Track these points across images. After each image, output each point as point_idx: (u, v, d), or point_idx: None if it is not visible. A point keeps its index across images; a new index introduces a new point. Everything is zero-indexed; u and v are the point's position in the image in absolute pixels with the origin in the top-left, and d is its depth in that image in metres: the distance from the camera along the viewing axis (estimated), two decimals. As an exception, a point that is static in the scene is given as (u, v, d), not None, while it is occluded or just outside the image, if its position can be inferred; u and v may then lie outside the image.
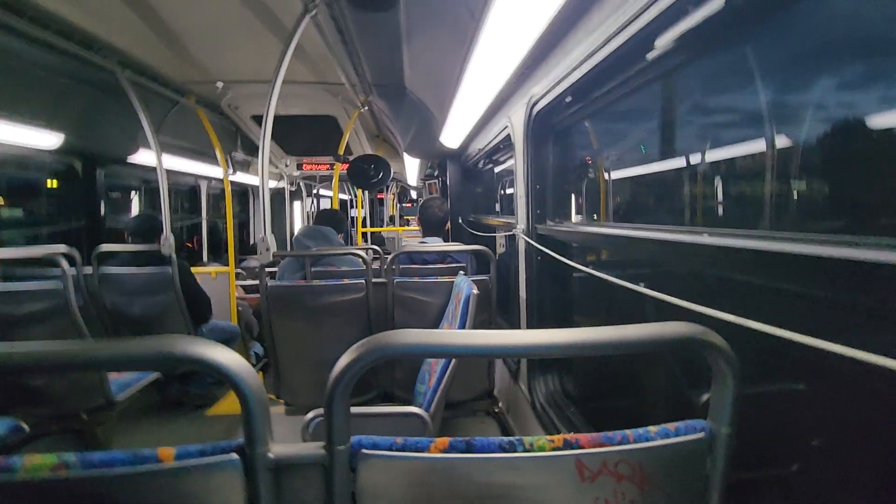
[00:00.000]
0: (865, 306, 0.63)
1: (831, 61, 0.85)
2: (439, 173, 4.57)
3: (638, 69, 1.14)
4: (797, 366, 0.84)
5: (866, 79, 0.80)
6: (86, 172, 3.33)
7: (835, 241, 0.67)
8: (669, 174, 1.45)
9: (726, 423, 0.59)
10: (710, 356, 0.57)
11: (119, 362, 0.53)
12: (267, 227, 1.95)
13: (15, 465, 0.52)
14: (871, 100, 0.78)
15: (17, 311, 2.03)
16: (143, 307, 2.70)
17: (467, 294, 1.49)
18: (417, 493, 0.58)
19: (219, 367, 0.53)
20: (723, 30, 0.89)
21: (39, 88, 2.71)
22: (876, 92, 0.77)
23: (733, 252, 0.81)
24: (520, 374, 2.12)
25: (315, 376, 2.15)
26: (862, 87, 0.80)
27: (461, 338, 0.56)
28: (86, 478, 0.52)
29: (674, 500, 0.60)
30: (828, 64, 0.86)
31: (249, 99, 3.39)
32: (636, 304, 1.41)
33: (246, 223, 6.35)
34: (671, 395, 1.32)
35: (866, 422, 0.72)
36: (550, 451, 0.58)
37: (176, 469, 0.54)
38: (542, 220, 1.85)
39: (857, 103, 0.79)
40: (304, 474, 0.58)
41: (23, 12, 1.89)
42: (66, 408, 2.13)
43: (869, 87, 0.79)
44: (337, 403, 0.55)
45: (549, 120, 1.74)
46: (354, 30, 1.89)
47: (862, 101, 0.78)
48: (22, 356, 0.52)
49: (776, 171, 0.95)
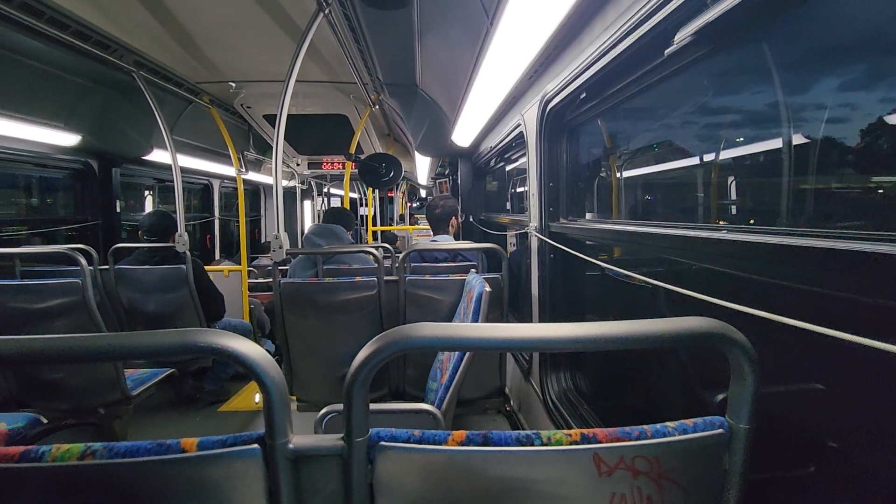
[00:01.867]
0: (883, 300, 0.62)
1: (848, 57, 0.84)
2: (450, 172, 4.57)
3: (655, 65, 1.13)
4: (817, 361, 0.83)
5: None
6: (102, 171, 3.39)
7: (852, 235, 0.66)
8: (685, 172, 1.43)
9: (745, 420, 0.58)
10: (730, 352, 0.57)
11: (145, 353, 0.54)
12: (280, 226, 1.97)
13: (44, 453, 0.53)
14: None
15: (37, 306, 2.07)
16: (157, 304, 2.75)
17: (479, 292, 1.49)
18: (434, 486, 0.59)
19: (242, 359, 0.54)
20: (743, 23, 0.88)
21: (58, 88, 2.76)
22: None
23: (752, 248, 0.80)
24: (531, 372, 2.11)
25: (327, 373, 2.16)
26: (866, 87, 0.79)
27: (479, 331, 0.57)
28: (112, 465, 0.53)
29: (691, 496, 0.60)
30: (843, 61, 0.85)
31: (262, 98, 3.42)
32: (650, 303, 1.40)
33: (257, 222, 6.41)
34: (686, 393, 1.31)
35: (889, 418, 0.71)
36: (567, 446, 0.58)
37: (198, 458, 0.55)
38: (556, 218, 1.84)
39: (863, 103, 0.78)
40: (323, 465, 0.59)
41: (42, 13, 1.92)
42: (83, 402, 2.17)
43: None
44: (356, 396, 0.55)
45: (562, 117, 1.73)
46: (367, 28, 1.90)
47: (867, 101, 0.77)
48: (49, 348, 0.53)
49: (793, 168, 0.94)
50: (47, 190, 3.41)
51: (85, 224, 3.38)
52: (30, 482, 0.54)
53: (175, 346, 0.54)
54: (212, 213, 5.14)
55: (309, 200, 7.52)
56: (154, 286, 2.73)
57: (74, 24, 2.06)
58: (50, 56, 2.44)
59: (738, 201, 1.20)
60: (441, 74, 2.33)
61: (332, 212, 3.02)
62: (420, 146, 3.98)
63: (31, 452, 0.54)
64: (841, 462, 0.82)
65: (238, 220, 4.32)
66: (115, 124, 3.23)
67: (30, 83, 2.58)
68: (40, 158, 2.99)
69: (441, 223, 2.68)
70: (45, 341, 0.53)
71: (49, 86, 2.70)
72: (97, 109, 3.06)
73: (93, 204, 3.41)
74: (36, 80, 2.59)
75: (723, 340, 0.56)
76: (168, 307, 2.76)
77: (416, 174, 6.80)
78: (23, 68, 2.46)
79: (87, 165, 3.30)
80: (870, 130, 0.79)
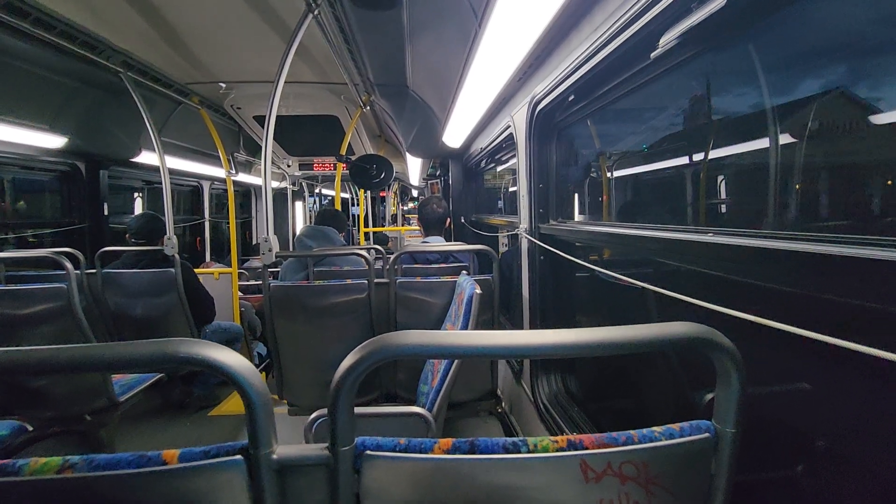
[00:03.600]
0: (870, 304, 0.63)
1: (834, 57, 0.84)
2: (441, 173, 4.57)
3: (642, 67, 1.13)
4: (800, 365, 0.84)
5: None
6: (89, 173, 3.34)
7: (836, 239, 0.67)
8: (673, 172, 1.44)
9: (731, 424, 0.59)
10: (716, 356, 0.57)
11: (123, 364, 0.53)
12: (270, 228, 1.95)
13: (21, 467, 0.52)
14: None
15: (21, 312, 2.04)
16: (146, 308, 2.71)
17: (470, 294, 1.48)
18: (421, 494, 0.58)
19: (223, 369, 0.53)
20: (727, 26, 0.89)
21: (43, 90, 2.72)
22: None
23: (738, 251, 0.81)
24: (523, 375, 2.11)
25: (318, 376, 2.15)
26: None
27: (465, 338, 0.56)
28: (91, 479, 0.52)
29: (679, 500, 0.60)
30: (829, 61, 0.85)
31: (252, 99, 3.40)
32: (639, 303, 1.40)
33: (248, 224, 6.37)
34: (675, 395, 1.32)
35: (873, 419, 0.71)
36: (554, 452, 0.57)
37: (180, 470, 0.54)
38: (545, 220, 1.85)
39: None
40: (308, 475, 0.58)
41: (27, 14, 1.89)
42: (69, 409, 2.13)
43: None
44: (341, 405, 0.55)
45: (551, 119, 1.73)
46: (357, 29, 1.89)
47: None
48: (27, 359, 0.52)
49: (780, 170, 0.94)
50: (33, 192, 3.36)
51: (71, 227, 3.33)
52: (7, 497, 0.53)
53: (154, 357, 0.53)
54: (202, 216, 5.09)
55: (300, 202, 7.49)
56: (142, 290, 2.69)
57: (61, 24, 2.03)
58: (35, 57, 2.40)
59: (725, 202, 1.20)
60: (431, 75, 2.32)
61: (325, 213, 3.00)
62: (411, 147, 3.98)
63: (8, 466, 0.52)
64: (826, 463, 0.83)
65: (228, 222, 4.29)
66: (103, 126, 3.19)
67: (14, 84, 2.54)
68: (25, 161, 2.94)
69: (435, 225, 2.67)
70: (22, 353, 0.52)
71: (34, 87, 2.65)
72: (84, 111, 3.02)
73: (80, 206, 3.36)
74: (20, 81, 2.55)
75: (708, 345, 0.56)
76: (157, 312, 2.72)
77: (408, 175, 6.80)
78: (7, 69, 2.42)
79: (74, 167, 3.26)
80: (855, 129, 0.80)
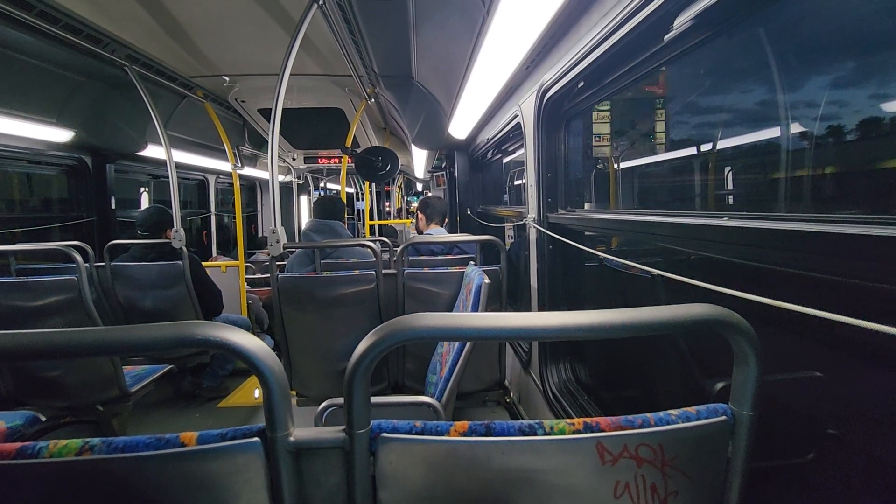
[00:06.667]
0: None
1: (849, 44, 0.83)
2: (447, 164, 4.55)
3: (654, 51, 1.11)
4: (817, 347, 0.83)
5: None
6: (96, 167, 3.36)
7: (842, 219, 0.66)
8: (684, 160, 1.43)
9: (749, 407, 0.58)
10: (733, 338, 0.56)
11: (143, 346, 0.53)
12: (277, 220, 1.95)
13: (40, 449, 0.53)
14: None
15: (33, 304, 2.06)
16: (154, 300, 2.74)
17: (478, 283, 1.48)
18: (437, 476, 0.58)
19: (241, 351, 0.53)
20: (745, 5, 0.87)
21: (49, 84, 2.73)
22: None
23: (752, 234, 0.80)
24: (531, 364, 2.11)
25: (326, 367, 2.16)
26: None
27: (480, 320, 0.56)
28: (110, 460, 0.53)
29: (695, 483, 0.60)
30: (844, 48, 0.84)
31: (256, 92, 3.39)
32: (650, 292, 1.40)
33: (254, 217, 6.38)
34: (685, 384, 1.31)
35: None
36: (571, 435, 0.57)
37: (198, 452, 0.54)
38: (554, 209, 1.83)
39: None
40: (324, 458, 0.58)
41: (31, 7, 1.89)
42: (81, 399, 2.16)
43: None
44: (357, 387, 0.55)
45: (559, 107, 1.71)
46: (362, 19, 1.88)
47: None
48: (50, 341, 0.52)
49: (791, 154, 0.93)
50: (41, 187, 3.38)
51: (80, 221, 3.35)
52: (27, 479, 0.53)
53: (173, 339, 0.53)
54: (208, 209, 5.11)
55: (306, 195, 7.49)
56: (151, 283, 2.72)
57: (65, 17, 2.02)
58: (41, 51, 2.41)
59: (736, 188, 1.19)
60: (437, 66, 2.30)
61: (321, 203, 2.94)
62: (416, 139, 3.96)
63: (28, 449, 0.53)
64: (841, 448, 0.82)
65: (235, 215, 4.30)
66: (109, 120, 3.19)
67: (21, 78, 2.55)
68: (33, 155, 2.96)
69: (434, 215, 2.80)
70: (42, 336, 0.52)
71: (40, 81, 2.66)
72: (90, 105, 3.02)
73: (87, 200, 3.38)
74: (27, 75, 2.56)
75: (725, 327, 0.56)
76: (165, 304, 2.74)
77: (413, 167, 6.77)
78: (13, 63, 2.43)
79: (81, 161, 3.27)
80: (870, 118, 0.78)
